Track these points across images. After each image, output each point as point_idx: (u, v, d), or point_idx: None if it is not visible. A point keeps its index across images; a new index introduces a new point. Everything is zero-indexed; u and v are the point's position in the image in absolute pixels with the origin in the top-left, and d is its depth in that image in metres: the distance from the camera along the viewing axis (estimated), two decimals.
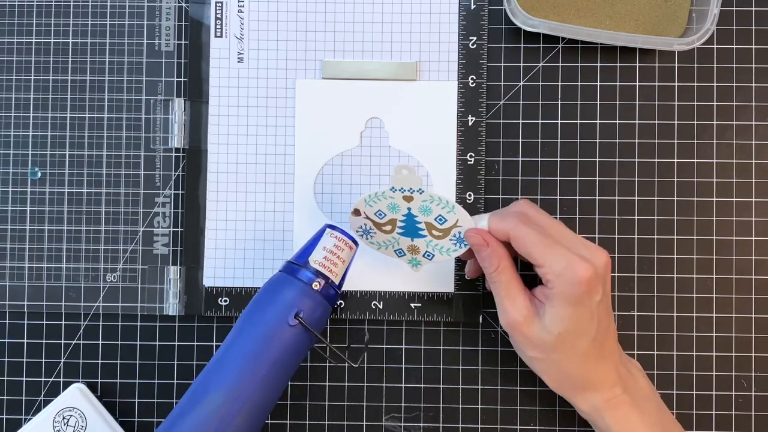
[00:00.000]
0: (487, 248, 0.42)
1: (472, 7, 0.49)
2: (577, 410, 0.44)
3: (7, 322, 0.49)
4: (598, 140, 0.49)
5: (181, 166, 0.49)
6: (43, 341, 0.49)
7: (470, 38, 0.49)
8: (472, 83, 0.49)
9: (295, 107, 0.49)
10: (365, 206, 0.44)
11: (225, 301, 0.49)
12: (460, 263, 0.48)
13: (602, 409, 0.42)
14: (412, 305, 0.48)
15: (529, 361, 0.43)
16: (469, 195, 0.48)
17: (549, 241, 0.40)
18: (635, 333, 0.48)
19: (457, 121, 0.48)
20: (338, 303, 0.48)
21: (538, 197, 0.49)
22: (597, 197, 0.49)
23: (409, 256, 0.46)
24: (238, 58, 0.49)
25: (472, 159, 0.48)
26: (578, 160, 0.49)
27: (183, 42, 0.50)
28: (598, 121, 0.49)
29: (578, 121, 0.49)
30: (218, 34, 0.49)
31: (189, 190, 0.49)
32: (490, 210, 0.48)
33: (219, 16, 0.49)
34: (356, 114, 0.49)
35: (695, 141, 0.49)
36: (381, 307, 0.48)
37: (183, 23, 0.50)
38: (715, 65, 0.49)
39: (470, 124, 0.49)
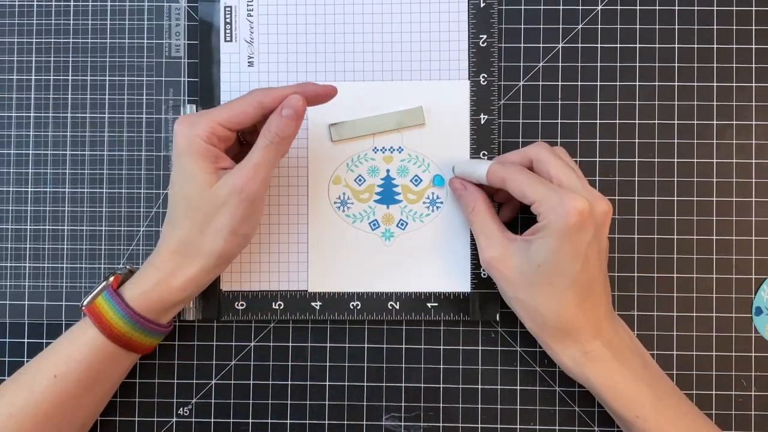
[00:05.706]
0: (464, 191, 0.46)
1: (482, 5, 0.49)
2: (561, 367, 0.44)
3: (7, 321, 0.49)
4: (598, 140, 0.49)
5: None
6: (44, 341, 0.49)
7: (480, 36, 0.49)
8: (483, 81, 0.49)
9: (307, 110, 0.49)
10: (347, 171, 0.48)
11: (242, 305, 0.49)
12: (475, 261, 0.48)
13: (582, 363, 0.42)
14: (429, 305, 0.48)
15: (510, 301, 0.44)
16: None
17: (545, 182, 0.42)
18: (635, 333, 0.48)
19: (470, 120, 0.49)
20: (354, 306, 0.48)
21: None
22: None
23: (383, 228, 0.48)
24: (249, 62, 0.49)
25: (485, 157, 0.49)
26: (578, 160, 0.49)
27: (189, 42, 0.50)
28: (598, 121, 0.49)
29: (578, 121, 0.49)
30: (228, 38, 0.49)
31: None
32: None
33: (228, 20, 0.49)
34: (369, 115, 0.49)
35: (695, 141, 0.49)
36: (398, 307, 0.48)
37: (189, 23, 0.50)
38: (715, 65, 0.49)
39: (482, 122, 0.49)
